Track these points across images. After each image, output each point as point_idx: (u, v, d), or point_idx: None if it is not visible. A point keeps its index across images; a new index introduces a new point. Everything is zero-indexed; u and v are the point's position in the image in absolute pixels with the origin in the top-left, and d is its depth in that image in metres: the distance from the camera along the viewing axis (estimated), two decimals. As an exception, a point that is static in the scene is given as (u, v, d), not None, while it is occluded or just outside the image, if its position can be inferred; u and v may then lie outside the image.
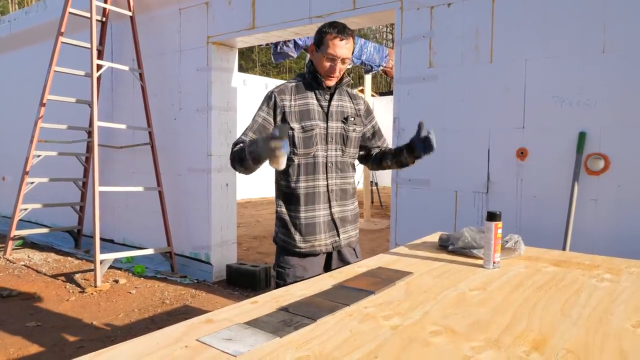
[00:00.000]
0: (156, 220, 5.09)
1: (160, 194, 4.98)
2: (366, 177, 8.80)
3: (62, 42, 5.14)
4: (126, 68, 5.02)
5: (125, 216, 5.65)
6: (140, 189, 4.98)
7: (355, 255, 2.06)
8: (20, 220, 5.63)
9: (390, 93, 15.00)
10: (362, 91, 9.77)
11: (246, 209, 10.10)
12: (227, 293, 4.36)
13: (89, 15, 4.84)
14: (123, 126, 5.04)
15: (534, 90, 2.97)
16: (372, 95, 14.39)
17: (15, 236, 5.51)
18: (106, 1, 5.20)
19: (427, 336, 1.07)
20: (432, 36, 3.34)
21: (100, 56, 5.50)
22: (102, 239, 5.05)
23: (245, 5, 4.35)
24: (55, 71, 5.18)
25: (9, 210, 6.59)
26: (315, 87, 1.94)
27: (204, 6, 4.69)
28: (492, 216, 1.65)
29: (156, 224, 5.09)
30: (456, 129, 3.27)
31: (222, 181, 4.80)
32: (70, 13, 5.09)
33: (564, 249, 2.74)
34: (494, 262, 1.67)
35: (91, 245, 4.96)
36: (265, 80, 13.98)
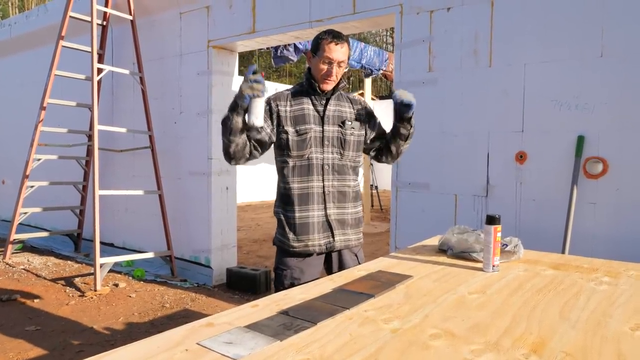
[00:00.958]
0: (156, 224, 5.09)
1: (161, 197, 4.99)
2: (366, 180, 8.81)
3: (63, 45, 5.15)
4: (127, 72, 5.04)
5: (125, 220, 5.65)
6: (140, 192, 4.98)
7: (358, 261, 2.06)
8: (20, 224, 5.63)
9: (390, 97, 15.03)
10: (362, 94, 9.79)
11: (246, 213, 10.10)
12: (227, 297, 4.36)
13: (89, 19, 4.86)
14: (123, 130, 5.05)
15: (533, 94, 2.98)
16: (372, 99, 14.40)
17: (15, 240, 5.51)
18: (107, 5, 5.22)
19: (427, 339, 1.08)
20: (432, 40, 3.36)
21: (101, 60, 5.52)
22: (102, 243, 5.05)
23: (246, 10, 4.37)
24: (55, 75, 5.19)
25: (8, 214, 6.60)
26: (311, 92, 2.00)
27: (204, 10, 4.71)
28: (492, 220, 1.66)
29: (156, 227, 5.09)
30: (456, 133, 3.28)
31: (222, 185, 4.80)
32: (71, 17, 5.11)
33: (563, 252, 2.75)
34: (493, 266, 1.68)
35: (91, 249, 4.95)
36: (267, 84, 13.97)
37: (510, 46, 3.05)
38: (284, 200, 2.01)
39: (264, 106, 1.80)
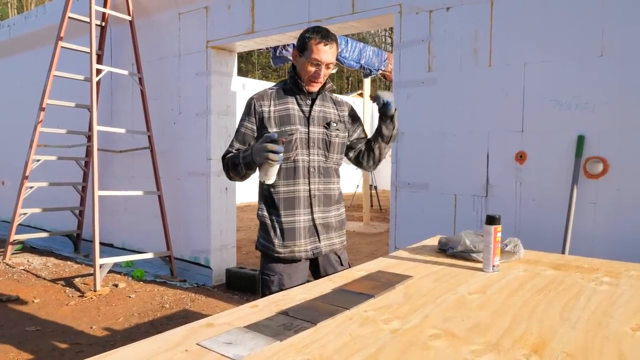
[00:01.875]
0: (155, 225, 5.08)
1: (160, 198, 4.98)
2: (365, 180, 8.80)
3: (62, 46, 5.15)
4: (125, 72, 5.03)
5: (124, 220, 5.64)
6: (139, 193, 4.98)
7: (341, 262, 2.03)
8: (20, 224, 5.63)
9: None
10: (361, 95, 9.78)
11: (245, 213, 10.09)
12: (226, 297, 4.35)
13: (88, 20, 4.85)
14: (122, 130, 5.05)
15: (532, 94, 2.98)
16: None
17: (14, 240, 5.51)
18: (105, 6, 5.22)
19: (427, 340, 1.07)
20: (431, 40, 3.36)
21: (100, 61, 5.51)
22: (101, 243, 5.04)
23: (245, 10, 4.37)
24: (54, 76, 5.18)
25: (8, 215, 6.59)
26: (296, 92, 1.94)
27: (203, 11, 4.71)
28: (492, 220, 1.66)
29: (156, 228, 5.08)
30: (455, 133, 3.27)
31: (221, 185, 4.80)
32: (70, 18, 5.11)
33: (563, 252, 2.75)
34: (493, 266, 1.68)
35: (90, 250, 4.95)
36: (265, 84, 14.00)
37: (510, 46, 3.05)
38: (268, 203, 1.95)
39: (277, 169, 1.77)
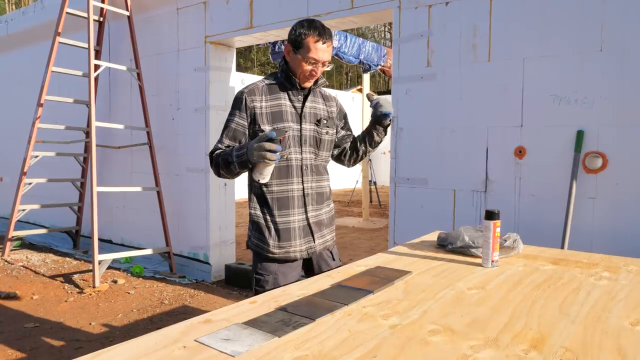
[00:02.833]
0: (154, 221, 5.08)
1: (159, 194, 4.98)
2: (365, 176, 8.80)
3: (60, 42, 5.13)
4: (124, 68, 5.02)
5: (123, 216, 5.64)
6: (138, 189, 4.97)
7: (332, 258, 2.03)
8: (19, 221, 5.63)
9: (388, 92, 15.00)
10: (360, 90, 9.76)
11: (245, 209, 10.09)
12: (225, 293, 4.35)
13: (86, 15, 4.83)
14: (121, 126, 5.03)
15: (532, 89, 2.97)
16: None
17: (13, 237, 5.50)
18: (103, 1, 5.19)
19: (426, 335, 1.07)
20: (430, 35, 3.34)
21: (98, 56, 5.50)
22: (100, 240, 5.04)
23: (243, 5, 4.35)
24: (52, 71, 5.16)
25: (7, 211, 6.58)
26: (288, 87, 1.88)
27: (201, 5, 4.69)
28: (491, 215, 1.65)
29: (154, 224, 5.08)
30: (454, 128, 3.27)
31: (220, 181, 4.79)
32: (68, 13, 5.08)
33: (562, 247, 2.75)
34: (492, 261, 1.68)
35: (89, 246, 4.95)
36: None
37: (509, 41, 3.04)
38: (260, 202, 1.90)
39: (272, 168, 1.74)
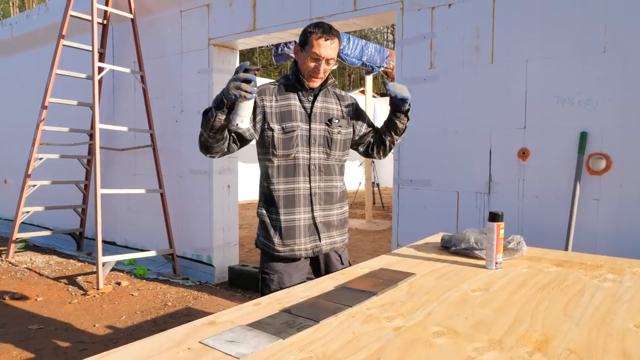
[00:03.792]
0: (158, 223, 5.09)
1: (162, 196, 4.99)
2: (367, 178, 8.79)
3: (64, 45, 5.15)
4: (127, 70, 5.03)
5: (127, 218, 5.65)
6: (142, 191, 4.98)
7: (341, 261, 2.02)
8: (23, 223, 5.64)
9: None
10: (363, 92, 9.76)
11: (248, 211, 10.10)
12: (229, 295, 4.36)
13: (90, 18, 4.85)
14: (125, 128, 5.05)
15: (535, 91, 2.97)
16: (373, 96, 14.40)
17: (17, 239, 5.52)
18: (107, 4, 5.22)
19: (430, 337, 1.07)
20: (433, 37, 3.34)
21: (102, 59, 5.51)
22: (104, 242, 5.06)
23: (246, 7, 4.36)
24: (56, 74, 5.19)
25: (11, 213, 6.60)
26: (298, 88, 1.91)
27: (204, 8, 4.70)
28: (494, 217, 1.65)
29: (158, 226, 5.09)
30: (457, 130, 3.26)
31: (223, 183, 4.80)
32: (72, 16, 5.11)
33: (566, 249, 2.74)
34: (496, 263, 1.67)
35: (93, 248, 4.96)
36: (267, 82, 13.97)
37: (512, 42, 3.04)
38: (267, 201, 1.92)
39: (251, 107, 1.68)
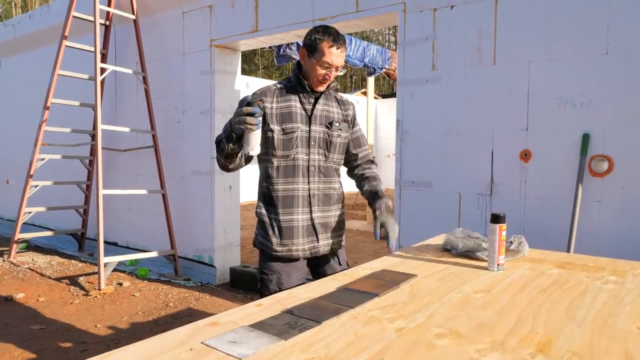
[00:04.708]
0: (160, 223, 5.09)
1: (164, 196, 4.99)
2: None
3: (66, 45, 5.17)
4: (130, 71, 5.04)
5: (128, 219, 5.66)
6: (143, 191, 4.99)
7: (339, 262, 2.03)
8: (24, 223, 5.65)
9: (393, 95, 15.00)
10: (364, 93, 9.76)
11: (249, 212, 10.10)
12: (230, 296, 4.36)
13: (92, 19, 4.86)
14: (127, 129, 5.06)
15: (537, 92, 2.97)
16: (375, 98, 14.39)
17: (19, 239, 5.53)
18: (110, 5, 5.23)
19: (432, 339, 1.07)
20: (435, 38, 3.34)
21: (104, 60, 5.52)
22: (105, 242, 5.06)
23: (249, 8, 4.37)
24: (59, 75, 5.20)
25: (13, 214, 6.62)
26: (299, 90, 1.92)
27: (207, 9, 4.71)
28: (496, 218, 1.65)
29: (160, 226, 5.10)
30: (459, 131, 3.26)
31: (225, 184, 4.80)
32: (74, 17, 5.12)
33: (568, 250, 2.74)
34: (498, 264, 1.67)
35: (95, 248, 4.97)
36: (269, 83, 13.98)
37: (515, 44, 3.04)
38: (266, 201, 1.94)
39: (259, 136, 1.71)
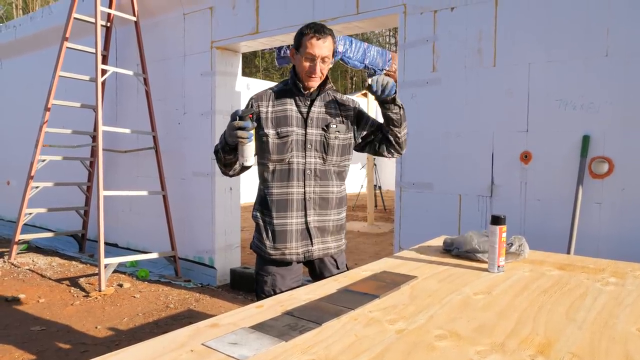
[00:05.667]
0: (160, 225, 5.10)
1: (165, 198, 5.00)
2: (369, 180, 8.79)
3: (67, 47, 5.17)
4: (130, 73, 5.05)
5: (129, 220, 5.66)
6: (144, 193, 4.99)
7: (337, 265, 2.00)
8: (25, 224, 5.65)
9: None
10: (365, 95, 9.77)
11: (249, 213, 10.10)
12: (231, 297, 4.36)
13: (93, 20, 4.87)
14: (127, 130, 5.06)
15: (537, 94, 2.97)
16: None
17: (20, 240, 5.53)
18: (111, 6, 5.24)
19: (432, 340, 1.07)
20: (436, 40, 3.35)
21: (105, 61, 5.53)
22: (106, 243, 5.06)
23: (249, 10, 4.37)
24: (60, 76, 5.21)
25: (13, 215, 6.63)
26: (295, 93, 1.91)
27: (208, 11, 4.72)
28: (497, 220, 1.65)
29: (160, 228, 5.10)
30: (460, 133, 3.27)
31: (226, 185, 4.81)
32: (75, 18, 5.13)
33: (568, 252, 2.74)
34: (498, 266, 1.67)
35: (95, 250, 4.97)
36: (269, 84, 14.01)
37: (515, 46, 3.04)
38: (262, 204, 1.94)
39: (253, 148, 1.77)
